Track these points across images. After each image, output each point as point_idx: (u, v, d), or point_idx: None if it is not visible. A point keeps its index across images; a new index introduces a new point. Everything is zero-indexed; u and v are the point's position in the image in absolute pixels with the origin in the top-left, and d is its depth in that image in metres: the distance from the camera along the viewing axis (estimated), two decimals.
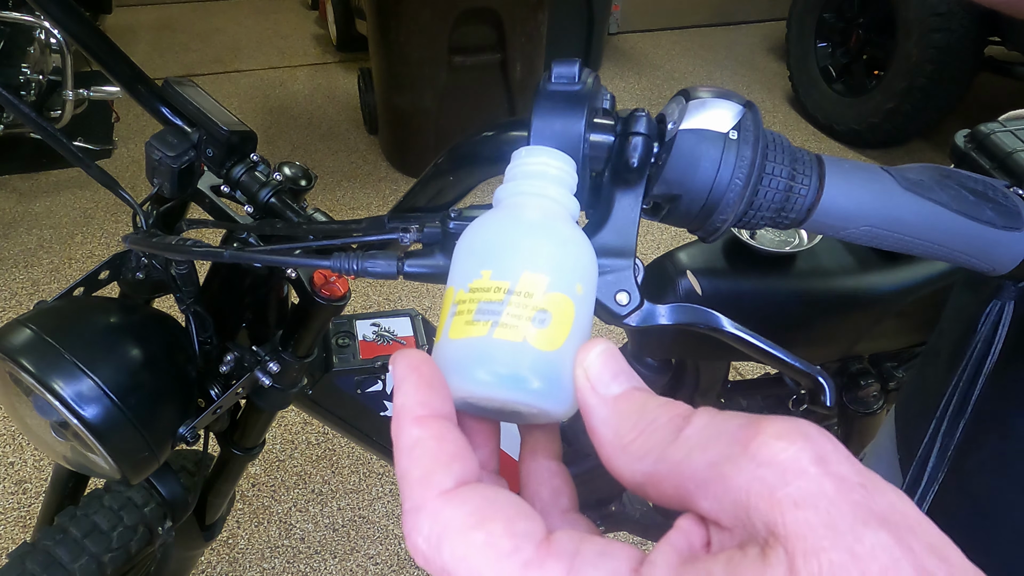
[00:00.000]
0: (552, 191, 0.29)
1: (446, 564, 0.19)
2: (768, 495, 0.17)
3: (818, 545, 0.16)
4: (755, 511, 0.17)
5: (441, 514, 0.20)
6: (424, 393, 0.22)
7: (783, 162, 0.36)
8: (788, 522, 0.16)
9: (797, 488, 0.17)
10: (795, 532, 0.16)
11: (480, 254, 0.26)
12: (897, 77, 2.71)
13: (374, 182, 2.64)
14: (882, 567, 0.15)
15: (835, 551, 0.16)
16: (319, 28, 3.88)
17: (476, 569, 0.18)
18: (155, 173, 0.59)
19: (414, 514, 0.20)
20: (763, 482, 0.17)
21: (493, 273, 0.25)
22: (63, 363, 0.55)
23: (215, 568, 1.44)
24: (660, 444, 0.20)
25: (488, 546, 0.19)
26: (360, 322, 0.82)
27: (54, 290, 2.02)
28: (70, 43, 2.07)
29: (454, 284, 0.26)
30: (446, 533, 0.19)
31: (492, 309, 0.24)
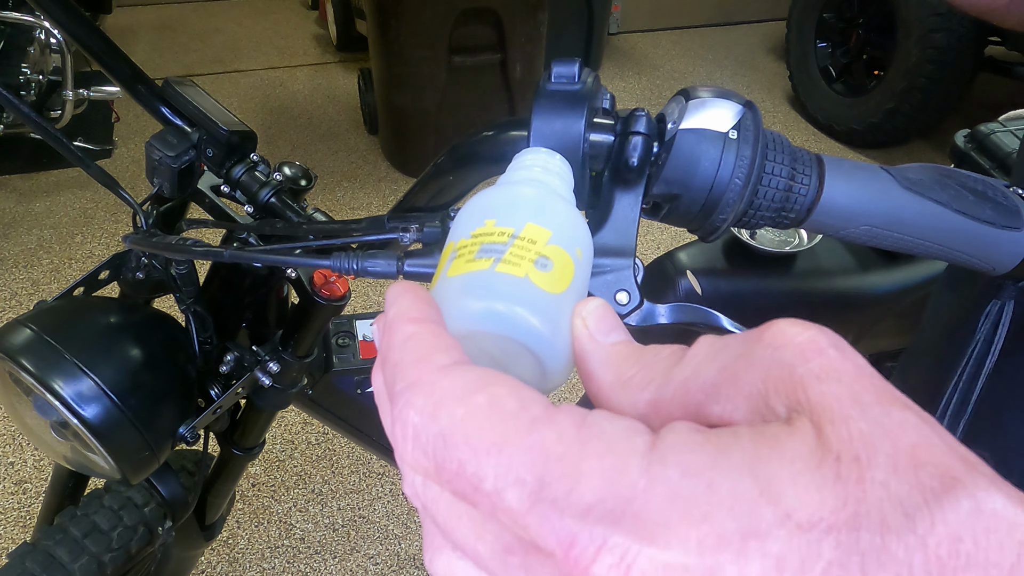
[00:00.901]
0: (553, 181, 0.29)
1: (442, 429, 0.17)
2: (788, 375, 0.16)
3: (845, 414, 0.15)
4: (774, 395, 0.16)
5: (438, 384, 0.18)
6: (420, 304, 0.21)
7: (783, 162, 0.36)
8: (812, 395, 0.16)
9: (818, 364, 0.16)
10: (820, 403, 0.15)
11: (483, 208, 0.26)
12: (897, 77, 2.71)
13: (374, 182, 2.64)
14: (912, 442, 0.15)
15: (863, 421, 0.15)
16: (319, 28, 3.88)
17: (477, 428, 0.17)
18: (155, 173, 0.59)
19: (407, 391, 0.18)
20: (781, 364, 0.16)
21: (497, 221, 0.25)
22: (63, 363, 0.55)
23: (215, 568, 1.44)
24: (664, 370, 0.19)
25: (492, 406, 0.17)
26: (360, 322, 0.82)
27: (54, 290, 2.02)
28: (70, 43, 2.07)
29: (454, 238, 0.26)
30: (443, 400, 0.17)
31: (495, 248, 0.24)
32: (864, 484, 0.14)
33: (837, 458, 0.15)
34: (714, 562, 0.14)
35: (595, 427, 0.17)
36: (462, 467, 0.16)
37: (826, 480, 0.14)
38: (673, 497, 0.15)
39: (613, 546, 0.15)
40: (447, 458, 0.17)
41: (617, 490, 0.15)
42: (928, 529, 0.13)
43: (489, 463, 0.16)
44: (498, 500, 0.16)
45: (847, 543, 0.14)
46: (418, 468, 0.18)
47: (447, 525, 0.18)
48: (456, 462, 0.17)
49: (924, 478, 0.14)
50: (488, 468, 0.16)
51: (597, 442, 0.16)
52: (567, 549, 0.15)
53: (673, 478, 0.15)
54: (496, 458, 0.16)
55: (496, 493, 0.16)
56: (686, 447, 0.16)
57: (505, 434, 0.16)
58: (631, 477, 0.15)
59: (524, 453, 0.16)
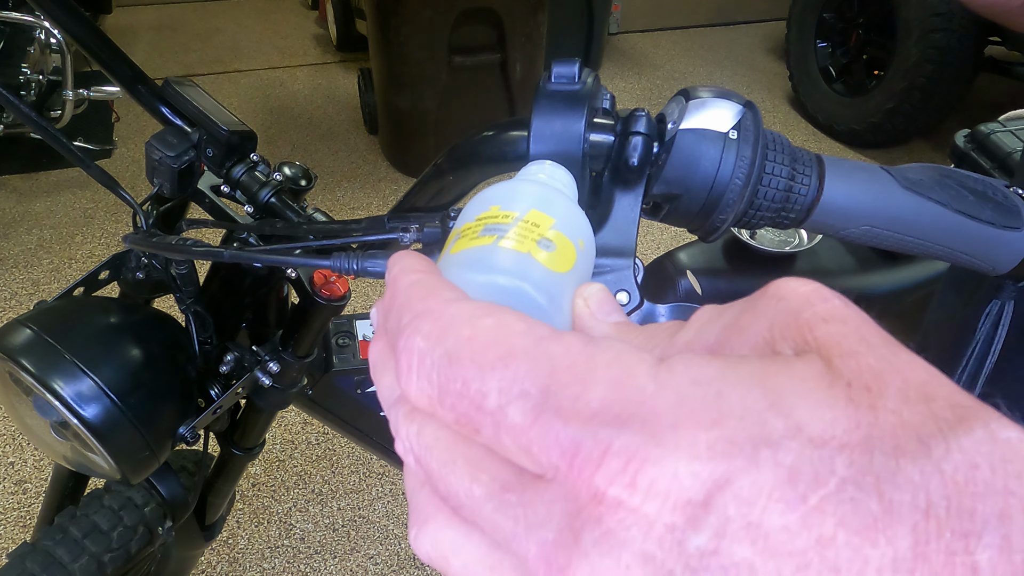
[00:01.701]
0: (557, 185, 0.30)
1: (448, 349, 0.17)
2: (793, 320, 0.16)
3: (853, 350, 0.15)
4: (780, 340, 0.16)
5: (446, 311, 0.18)
6: (422, 261, 0.21)
7: (783, 162, 0.36)
8: (819, 335, 0.15)
9: (824, 309, 0.16)
10: (827, 341, 0.15)
11: (488, 198, 0.26)
12: (897, 77, 2.70)
13: (374, 182, 2.64)
14: (922, 379, 0.14)
15: (871, 357, 0.15)
16: (319, 28, 3.88)
17: (483, 345, 0.16)
18: (155, 173, 0.59)
19: (414, 321, 0.18)
20: (787, 311, 0.16)
21: (502, 206, 0.25)
22: (63, 363, 0.55)
23: (215, 568, 1.44)
24: (666, 336, 0.19)
25: (499, 326, 0.17)
26: (360, 322, 0.82)
27: (54, 290, 2.02)
28: (70, 43, 2.07)
29: (458, 226, 0.26)
30: (451, 323, 0.17)
31: (499, 228, 0.24)
32: (876, 411, 0.14)
33: (848, 384, 0.14)
34: (725, 469, 0.13)
35: (602, 343, 0.16)
36: (466, 385, 0.16)
37: (837, 401, 0.14)
38: (682, 401, 0.14)
39: (619, 450, 0.14)
40: (451, 378, 0.16)
41: (624, 394, 0.15)
42: (943, 455, 0.13)
43: (493, 378, 0.16)
44: (501, 418, 0.15)
45: (860, 463, 0.13)
46: (421, 398, 0.17)
47: (441, 471, 0.17)
48: (460, 381, 0.16)
49: (936, 409, 0.14)
50: (492, 383, 0.16)
51: (605, 354, 0.16)
52: (571, 459, 0.14)
53: (682, 384, 0.15)
54: (501, 372, 0.16)
55: (500, 410, 0.16)
56: (694, 361, 0.15)
57: (511, 349, 0.16)
58: (639, 382, 0.15)
59: (530, 366, 0.16)
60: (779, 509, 0.13)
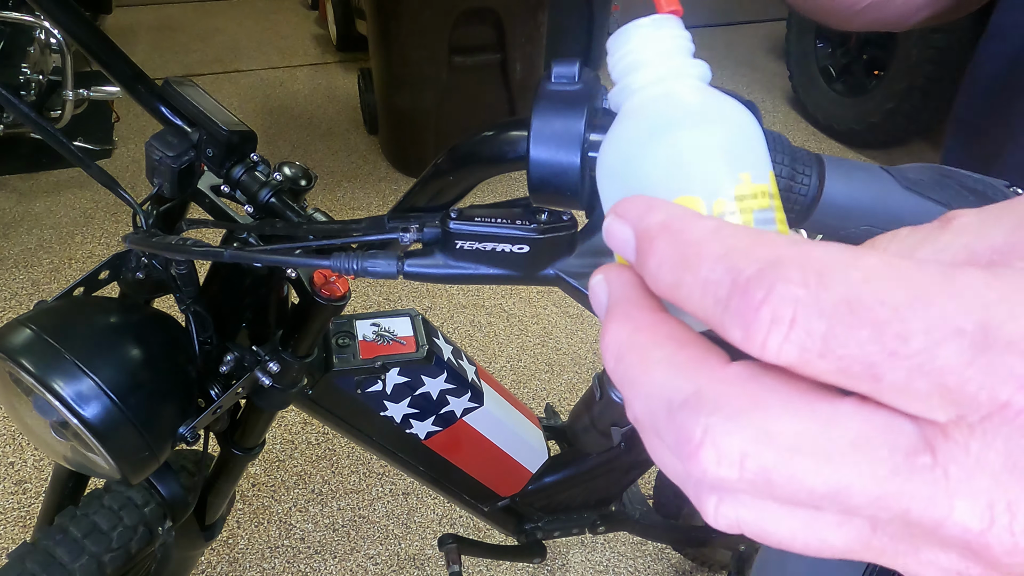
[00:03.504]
0: (698, 69, 0.25)
1: (844, 294, 0.15)
2: None
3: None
4: None
5: (812, 254, 0.15)
6: (687, 208, 0.19)
7: (783, 161, 0.36)
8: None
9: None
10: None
11: (726, 152, 0.22)
12: (897, 77, 2.70)
13: (374, 182, 2.64)
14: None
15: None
16: (319, 28, 3.88)
17: (888, 286, 0.15)
18: (155, 173, 0.59)
19: (768, 271, 0.15)
20: None
21: (752, 176, 0.21)
22: (63, 363, 0.55)
23: (215, 568, 1.44)
24: (926, 239, 0.18)
25: (888, 265, 0.15)
26: (360, 322, 0.82)
27: (54, 290, 2.02)
28: (70, 43, 2.07)
29: (691, 191, 0.21)
30: (829, 267, 0.15)
31: (767, 218, 0.21)
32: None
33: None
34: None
35: (1007, 273, 0.15)
36: (877, 332, 0.14)
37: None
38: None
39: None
40: (853, 325, 0.14)
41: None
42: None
43: (915, 319, 0.14)
44: (926, 359, 0.14)
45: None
46: (790, 353, 0.15)
47: (802, 468, 0.15)
48: (869, 324, 0.14)
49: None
50: (916, 322, 0.14)
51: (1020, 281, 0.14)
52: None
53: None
54: (924, 311, 0.14)
55: (925, 351, 0.14)
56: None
57: (923, 287, 0.14)
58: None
59: (956, 302, 0.14)
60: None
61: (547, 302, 2.12)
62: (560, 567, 1.49)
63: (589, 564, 1.50)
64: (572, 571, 1.49)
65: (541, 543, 1.14)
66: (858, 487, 0.15)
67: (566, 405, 1.81)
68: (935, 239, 0.17)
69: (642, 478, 1.14)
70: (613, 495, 1.11)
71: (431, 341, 0.83)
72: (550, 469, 1.02)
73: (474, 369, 0.90)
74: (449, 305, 2.10)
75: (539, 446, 1.01)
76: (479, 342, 1.99)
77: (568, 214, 0.43)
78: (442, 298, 2.12)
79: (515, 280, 0.45)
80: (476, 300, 2.12)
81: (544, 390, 1.86)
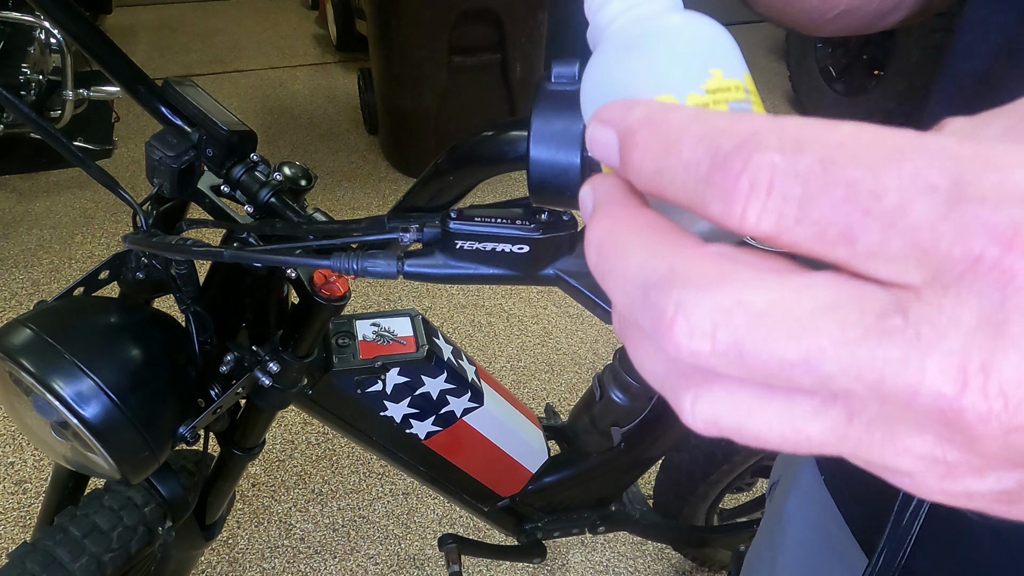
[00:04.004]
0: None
1: (818, 156, 0.15)
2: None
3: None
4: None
5: (788, 123, 0.16)
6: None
7: None
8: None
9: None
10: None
11: (696, 55, 0.22)
12: (897, 77, 2.71)
13: (374, 182, 2.64)
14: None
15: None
16: (319, 28, 3.88)
17: (864, 144, 0.15)
18: (155, 173, 0.59)
19: (749, 141, 0.15)
20: None
21: (724, 72, 0.22)
22: (63, 363, 0.55)
23: (215, 568, 1.44)
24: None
25: (864, 129, 0.15)
26: (360, 322, 0.82)
27: (54, 290, 2.02)
28: (70, 43, 2.07)
29: (664, 90, 0.22)
30: (806, 132, 0.15)
31: (743, 108, 0.21)
32: None
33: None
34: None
35: (982, 138, 0.15)
36: (852, 188, 0.14)
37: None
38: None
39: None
40: (828, 184, 0.14)
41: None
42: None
43: (889, 174, 0.14)
44: (899, 217, 0.14)
45: None
46: (767, 221, 0.15)
47: (776, 336, 0.15)
48: (843, 184, 0.14)
49: None
50: (890, 180, 0.14)
51: (1000, 145, 0.14)
52: (1007, 245, 0.13)
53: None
54: (897, 168, 0.14)
55: (899, 208, 0.14)
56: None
57: (898, 147, 0.14)
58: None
59: (929, 159, 0.14)
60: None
61: (547, 302, 2.12)
62: (560, 567, 1.49)
63: (589, 564, 1.50)
64: (572, 571, 1.49)
65: (541, 543, 1.14)
66: (830, 352, 0.14)
67: (566, 405, 1.81)
68: None
69: (642, 478, 1.14)
70: (613, 495, 1.11)
71: (431, 341, 0.83)
72: (550, 469, 1.02)
73: (474, 369, 0.90)
74: (449, 305, 2.10)
75: (539, 446, 1.01)
76: (479, 342, 1.99)
77: (568, 214, 0.43)
78: (442, 298, 2.12)
79: (515, 280, 0.45)
80: (476, 300, 2.12)
81: (544, 390, 1.86)
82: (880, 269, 0.15)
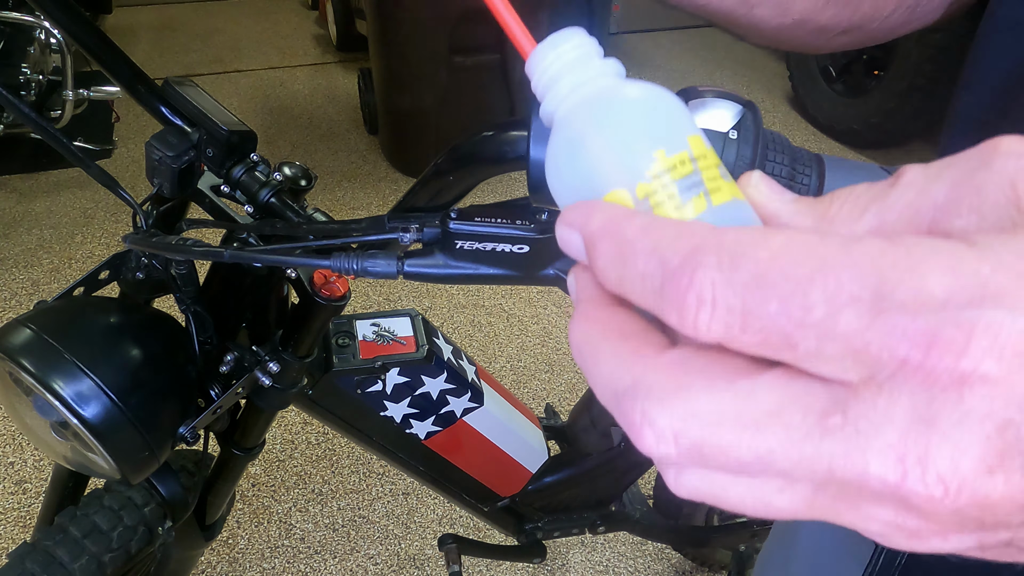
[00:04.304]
0: (607, 67, 0.25)
1: (751, 274, 0.16)
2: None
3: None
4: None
5: (726, 240, 0.17)
6: (624, 209, 0.20)
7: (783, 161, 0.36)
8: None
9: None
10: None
11: (633, 139, 0.22)
12: (897, 77, 2.71)
13: (374, 182, 2.64)
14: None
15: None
16: (319, 28, 3.88)
17: (791, 262, 0.16)
18: (155, 173, 0.59)
19: (692, 257, 0.17)
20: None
21: (667, 150, 0.22)
22: (63, 363, 0.55)
23: (215, 568, 1.44)
24: (876, 198, 0.19)
25: (792, 242, 0.16)
26: (360, 322, 0.82)
27: (54, 290, 2.02)
28: (70, 43, 2.07)
29: (616, 185, 0.22)
30: (739, 250, 0.16)
31: (693, 183, 0.22)
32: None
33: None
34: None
35: (910, 239, 0.16)
36: (784, 303, 0.15)
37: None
38: (1020, 276, 0.14)
39: (986, 327, 0.14)
40: (762, 299, 0.16)
41: (964, 279, 0.15)
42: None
43: (815, 291, 0.15)
44: (830, 327, 0.15)
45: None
46: (715, 330, 0.16)
47: (729, 438, 0.16)
48: (775, 301, 0.16)
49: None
50: (815, 295, 0.15)
51: (921, 248, 0.15)
52: (927, 347, 0.14)
53: (1008, 260, 0.15)
54: (822, 283, 0.15)
55: (828, 319, 0.15)
56: (1002, 239, 0.15)
57: (823, 260, 0.15)
58: (970, 265, 0.15)
59: (852, 272, 0.15)
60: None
61: (547, 302, 2.12)
62: (560, 567, 1.49)
63: (589, 564, 1.50)
64: (572, 571, 1.49)
65: (541, 543, 1.14)
66: (779, 452, 0.16)
67: (566, 405, 1.81)
68: (884, 197, 0.19)
69: (642, 478, 1.14)
70: (613, 495, 1.11)
71: (431, 341, 0.83)
72: (550, 469, 1.02)
73: (474, 369, 0.90)
74: (449, 305, 2.10)
75: (539, 446, 1.01)
76: (479, 342, 1.99)
77: None
78: (442, 298, 2.12)
79: (515, 280, 0.45)
80: (476, 300, 2.12)
81: (544, 390, 1.86)
82: (822, 368, 0.16)
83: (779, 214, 0.21)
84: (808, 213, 0.21)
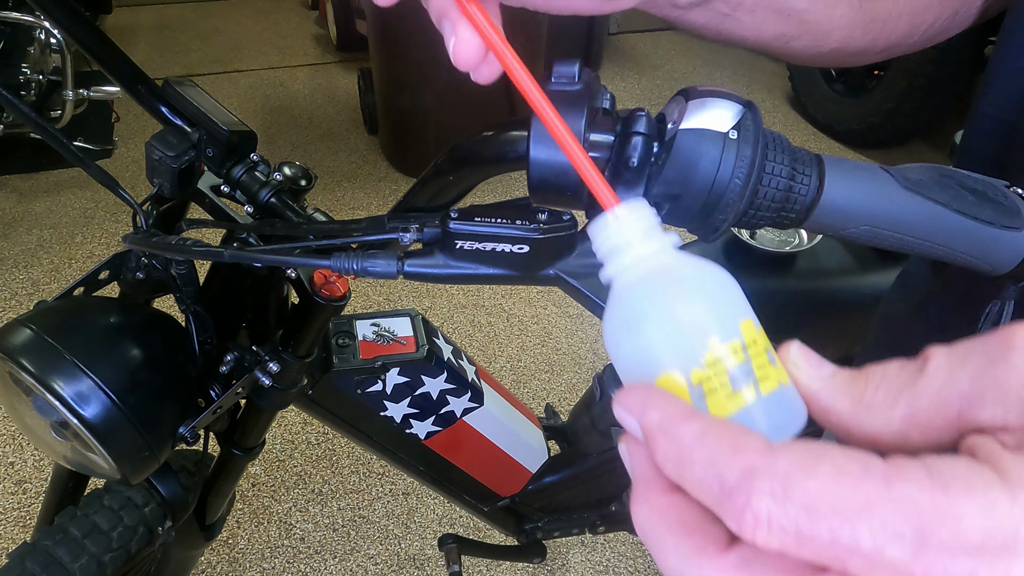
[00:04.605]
0: (665, 241, 0.27)
1: (804, 504, 0.18)
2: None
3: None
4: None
5: (776, 465, 0.19)
6: (679, 402, 0.22)
7: (783, 161, 0.36)
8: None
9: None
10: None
11: (688, 325, 0.24)
12: (897, 77, 2.70)
13: (374, 182, 2.64)
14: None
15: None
16: (319, 28, 3.88)
17: (839, 495, 0.18)
18: (155, 173, 0.59)
19: (747, 480, 0.19)
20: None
21: (720, 336, 0.24)
22: (63, 363, 0.55)
23: (215, 568, 1.44)
24: (907, 384, 0.21)
25: (840, 473, 0.18)
26: (360, 322, 0.82)
27: (54, 290, 2.02)
28: (70, 43, 2.07)
29: (670, 367, 0.24)
30: (790, 477, 0.18)
31: (744, 371, 0.23)
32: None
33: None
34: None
35: (946, 472, 0.18)
36: (834, 533, 0.18)
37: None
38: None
39: (1017, 573, 0.16)
40: (816, 529, 0.18)
41: (996, 522, 0.17)
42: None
43: (863, 526, 0.17)
44: (878, 557, 0.17)
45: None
46: (771, 543, 0.18)
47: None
48: (827, 531, 0.18)
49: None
50: (863, 530, 0.17)
51: (957, 484, 0.17)
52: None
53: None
54: (869, 519, 0.17)
55: (877, 551, 0.17)
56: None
57: (868, 496, 0.18)
58: (1002, 509, 0.17)
59: (895, 509, 0.17)
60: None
61: (547, 302, 2.12)
62: (560, 567, 1.49)
63: (589, 564, 1.50)
64: (572, 571, 1.49)
65: (541, 543, 1.14)
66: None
67: (566, 405, 1.81)
68: (914, 384, 0.21)
69: None
70: (613, 495, 1.11)
71: (431, 341, 0.83)
72: (550, 469, 1.02)
73: (474, 369, 0.90)
74: (449, 305, 2.10)
75: (539, 446, 1.01)
76: (479, 342, 1.99)
77: (568, 214, 0.43)
78: (442, 298, 2.12)
79: (515, 280, 0.45)
80: (476, 300, 2.12)
81: (544, 390, 1.86)
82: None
83: (819, 395, 0.23)
84: (845, 395, 0.22)
